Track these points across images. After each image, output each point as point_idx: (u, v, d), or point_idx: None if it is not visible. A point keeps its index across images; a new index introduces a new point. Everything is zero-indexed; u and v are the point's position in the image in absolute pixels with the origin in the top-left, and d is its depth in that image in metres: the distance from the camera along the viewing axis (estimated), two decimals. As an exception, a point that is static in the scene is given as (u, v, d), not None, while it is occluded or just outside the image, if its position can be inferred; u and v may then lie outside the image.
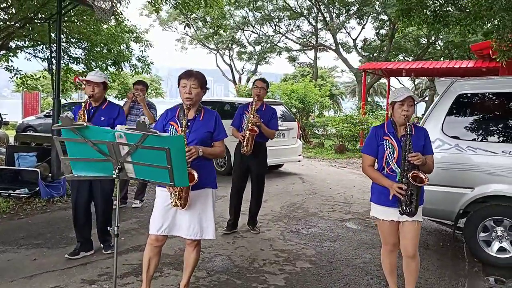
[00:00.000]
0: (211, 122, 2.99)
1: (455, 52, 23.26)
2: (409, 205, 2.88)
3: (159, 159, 2.14)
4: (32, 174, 6.64)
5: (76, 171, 2.27)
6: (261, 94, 4.91)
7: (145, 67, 12.99)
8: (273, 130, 4.93)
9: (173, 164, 2.12)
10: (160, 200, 2.94)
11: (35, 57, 11.68)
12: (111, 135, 2.16)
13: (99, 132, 2.21)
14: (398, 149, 2.95)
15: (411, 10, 7.89)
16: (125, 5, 11.15)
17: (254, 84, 5.03)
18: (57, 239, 4.61)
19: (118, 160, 2.23)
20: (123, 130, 2.11)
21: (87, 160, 2.23)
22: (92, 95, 3.93)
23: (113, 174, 2.27)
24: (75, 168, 2.26)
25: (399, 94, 2.94)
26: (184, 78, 2.88)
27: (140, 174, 2.31)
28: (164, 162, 2.13)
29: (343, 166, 11.25)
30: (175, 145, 2.13)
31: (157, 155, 2.13)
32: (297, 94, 14.86)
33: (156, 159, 2.16)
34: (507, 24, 7.26)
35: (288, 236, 4.94)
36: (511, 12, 7.07)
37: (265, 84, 4.98)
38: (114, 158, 2.22)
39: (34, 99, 20.61)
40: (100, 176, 2.35)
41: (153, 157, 2.16)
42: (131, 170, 2.29)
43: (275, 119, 4.95)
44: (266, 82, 5.03)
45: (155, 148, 2.12)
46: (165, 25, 31.62)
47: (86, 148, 2.20)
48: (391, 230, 3.05)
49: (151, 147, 2.13)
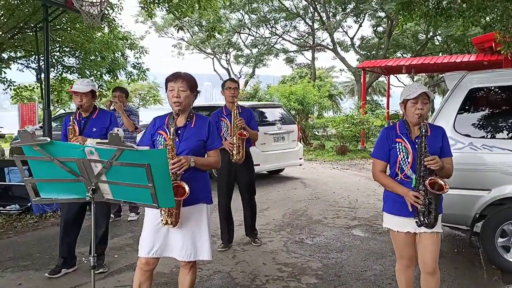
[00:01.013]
0: (203, 129, 2.68)
1: (454, 47, 22.98)
2: (427, 216, 2.57)
3: (138, 177, 1.84)
4: (23, 189, 6.36)
5: (44, 193, 1.97)
6: (236, 95, 4.47)
7: (140, 74, 12.75)
8: (256, 131, 4.59)
9: (155, 183, 1.83)
10: (149, 218, 2.64)
11: (27, 67, 11.45)
12: (81, 151, 1.87)
13: (66, 148, 1.91)
14: (412, 153, 2.64)
15: (411, 3, 7.61)
16: (118, 12, 10.94)
17: (225, 86, 4.53)
18: (45, 260, 4.31)
19: (91, 180, 1.93)
20: (94, 145, 1.81)
21: (55, 181, 1.93)
22: (81, 106, 3.70)
23: (86, 196, 1.98)
24: (42, 190, 1.96)
25: (412, 90, 2.63)
26: (171, 81, 2.60)
27: (118, 195, 2.00)
28: (144, 180, 1.83)
29: (346, 168, 10.94)
30: (156, 160, 1.84)
31: (136, 173, 1.83)
32: (295, 96, 14.58)
33: (135, 177, 1.86)
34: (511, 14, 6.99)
35: (291, 247, 4.63)
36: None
37: (237, 84, 4.58)
38: (86, 178, 1.91)
39: (31, 111, 20.25)
40: (72, 198, 2.05)
41: (131, 175, 1.86)
42: (107, 190, 1.98)
43: (253, 120, 4.60)
44: (237, 82, 4.67)
45: (133, 165, 1.82)
46: (161, 31, 31.39)
47: (53, 167, 1.90)
48: (407, 243, 2.74)
49: (127, 163, 1.84)
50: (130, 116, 5.55)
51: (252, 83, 24.43)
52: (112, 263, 4.21)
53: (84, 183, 1.94)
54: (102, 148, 1.81)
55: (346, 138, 13.41)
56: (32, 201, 2.00)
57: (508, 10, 7.00)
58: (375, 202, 6.78)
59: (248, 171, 4.63)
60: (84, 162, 1.85)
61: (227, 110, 4.49)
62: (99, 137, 3.69)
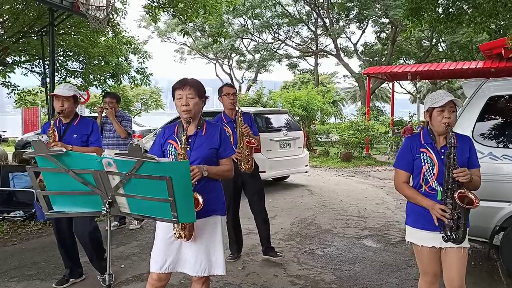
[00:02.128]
0: (215, 137, 2.56)
1: (458, 53, 22.91)
2: (456, 231, 2.45)
3: (158, 190, 1.73)
4: (28, 195, 6.25)
5: (57, 206, 1.86)
6: (235, 101, 4.23)
7: (144, 78, 12.69)
8: (257, 136, 4.37)
9: (175, 196, 1.71)
10: (161, 232, 2.52)
11: (31, 72, 11.40)
12: (98, 162, 1.76)
13: (82, 160, 1.80)
14: (438, 164, 2.53)
15: (420, 9, 7.52)
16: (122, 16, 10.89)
17: (222, 92, 4.22)
18: (51, 269, 4.19)
19: (107, 193, 1.82)
20: (112, 156, 1.70)
21: (69, 193, 1.82)
22: (62, 111, 3.49)
23: (102, 209, 1.87)
24: (55, 203, 1.84)
25: (438, 98, 2.51)
26: (178, 89, 2.49)
27: (135, 209, 1.88)
28: (164, 194, 1.72)
29: (351, 175, 10.82)
30: (178, 173, 1.73)
31: (156, 186, 1.72)
32: (300, 102, 14.48)
33: (154, 191, 1.75)
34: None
35: (302, 258, 4.51)
36: (527, 9, 6.73)
37: (235, 89, 4.34)
38: (102, 191, 1.80)
39: (34, 115, 20.28)
40: (87, 212, 1.94)
41: (150, 188, 1.75)
42: (124, 204, 1.86)
43: (254, 125, 4.40)
44: (234, 87, 4.47)
45: (153, 178, 1.71)
46: (164, 36, 31.42)
47: (67, 179, 1.79)
48: (432, 258, 2.61)
49: (147, 176, 1.73)
50: (122, 122, 5.42)
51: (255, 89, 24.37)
52: (118, 273, 4.09)
53: (100, 196, 1.83)
54: (121, 160, 1.70)
55: (351, 145, 13.30)
56: (45, 214, 1.88)
57: (520, 17, 6.94)
58: (385, 211, 6.65)
59: (255, 178, 4.45)
60: (101, 174, 1.74)
61: (227, 117, 4.24)
62: (79, 145, 3.55)
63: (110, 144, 5.47)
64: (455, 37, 17.22)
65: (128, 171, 1.71)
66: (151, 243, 2.59)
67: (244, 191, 4.46)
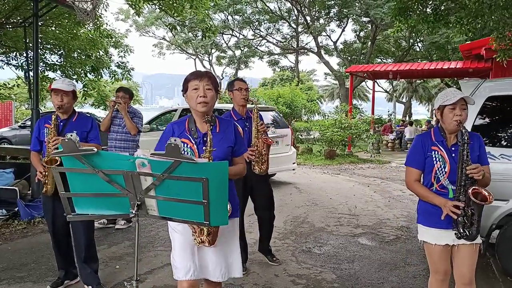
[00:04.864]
0: (230, 133, 2.41)
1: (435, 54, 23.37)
2: (469, 227, 2.47)
3: (192, 192, 1.64)
4: (10, 193, 6.02)
5: (80, 209, 1.75)
6: (248, 97, 3.90)
7: (125, 73, 12.41)
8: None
9: (210, 199, 1.63)
10: (179, 236, 2.36)
11: (7, 64, 10.96)
12: (130, 163, 1.65)
13: (113, 159, 1.70)
14: (449, 162, 2.54)
15: (408, 9, 7.60)
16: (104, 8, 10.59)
17: (234, 86, 3.90)
18: (42, 271, 4.03)
19: (136, 195, 1.73)
20: (147, 157, 1.61)
21: (95, 195, 1.72)
22: (61, 106, 3.34)
23: (130, 211, 1.78)
24: (78, 205, 1.74)
25: (450, 96, 2.52)
26: (194, 79, 2.30)
27: (165, 212, 1.78)
28: (198, 196, 1.64)
29: (336, 173, 10.90)
30: (216, 174, 1.64)
31: (190, 187, 1.64)
32: (284, 99, 14.48)
33: (187, 193, 1.66)
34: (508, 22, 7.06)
35: (300, 257, 4.49)
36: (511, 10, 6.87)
37: (247, 85, 3.99)
38: (132, 193, 1.71)
39: (8, 109, 19.52)
40: (112, 214, 1.83)
41: (183, 189, 1.66)
42: (153, 206, 1.75)
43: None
44: (247, 82, 4.08)
45: (189, 179, 1.63)
46: (142, 30, 30.87)
47: (94, 180, 1.69)
48: (444, 256, 2.62)
49: (183, 177, 1.64)
50: (134, 118, 5.30)
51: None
52: (113, 275, 3.97)
53: (128, 198, 1.73)
54: (156, 160, 1.62)
55: (334, 142, 13.40)
56: (68, 217, 1.77)
57: (505, 18, 7.08)
58: (375, 209, 6.72)
59: (266, 183, 4.15)
60: (132, 175, 1.65)
61: (237, 115, 3.90)
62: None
63: (119, 139, 5.32)
64: (434, 37, 17.56)
65: (163, 171, 1.62)
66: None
67: (251, 195, 4.10)
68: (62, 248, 3.63)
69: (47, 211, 3.53)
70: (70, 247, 3.68)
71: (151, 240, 4.83)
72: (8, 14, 8.73)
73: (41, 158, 3.45)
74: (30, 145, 3.62)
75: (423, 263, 4.24)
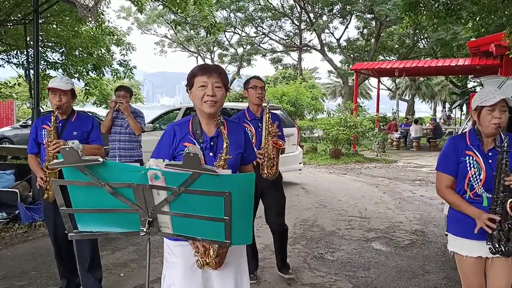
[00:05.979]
0: (240, 138, 2.14)
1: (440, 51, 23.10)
2: (505, 243, 2.26)
3: (211, 207, 1.44)
4: (10, 196, 5.84)
5: (84, 226, 1.55)
6: (263, 96, 3.64)
7: (127, 71, 12.21)
8: (283, 142, 3.74)
9: (233, 215, 1.43)
10: (178, 260, 2.08)
11: (8, 63, 10.78)
12: (142, 174, 1.44)
13: (121, 171, 1.48)
14: (485, 169, 2.32)
15: (418, 4, 7.38)
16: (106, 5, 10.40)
17: (249, 84, 3.66)
18: (43, 279, 3.85)
19: (148, 211, 1.52)
20: (161, 168, 1.40)
21: (101, 211, 1.51)
22: (59, 106, 3.15)
23: (141, 229, 1.57)
24: (81, 221, 1.52)
25: (489, 96, 2.28)
26: (202, 75, 2.00)
27: (179, 229, 1.56)
28: (219, 212, 1.43)
29: (343, 173, 10.69)
30: (240, 188, 1.43)
31: (210, 202, 1.43)
32: (288, 97, 14.27)
33: (207, 208, 1.45)
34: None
35: (313, 264, 4.29)
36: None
37: (263, 83, 3.72)
38: (143, 208, 1.50)
39: (9, 108, 19.33)
40: (120, 232, 1.62)
41: (202, 205, 1.46)
42: (167, 223, 1.53)
43: (281, 128, 3.77)
44: (263, 80, 3.78)
45: (210, 193, 1.42)
46: (144, 28, 30.66)
47: (99, 194, 1.47)
48: (477, 269, 2.41)
49: (202, 191, 1.43)
50: (136, 118, 5.09)
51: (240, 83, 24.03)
52: (118, 283, 3.78)
53: (138, 214, 1.53)
54: (171, 172, 1.41)
55: (339, 141, 13.17)
56: (69, 236, 1.56)
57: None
58: (386, 211, 6.51)
59: (277, 187, 3.82)
60: (143, 188, 1.44)
61: (252, 114, 3.64)
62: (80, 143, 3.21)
63: (122, 140, 5.11)
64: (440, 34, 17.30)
65: (179, 185, 1.41)
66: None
67: (262, 200, 3.83)
68: (64, 256, 3.44)
69: (48, 218, 3.34)
70: (72, 255, 3.48)
71: (156, 245, 4.64)
72: (9, 11, 8.54)
73: (39, 162, 3.26)
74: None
75: (443, 271, 4.04)
